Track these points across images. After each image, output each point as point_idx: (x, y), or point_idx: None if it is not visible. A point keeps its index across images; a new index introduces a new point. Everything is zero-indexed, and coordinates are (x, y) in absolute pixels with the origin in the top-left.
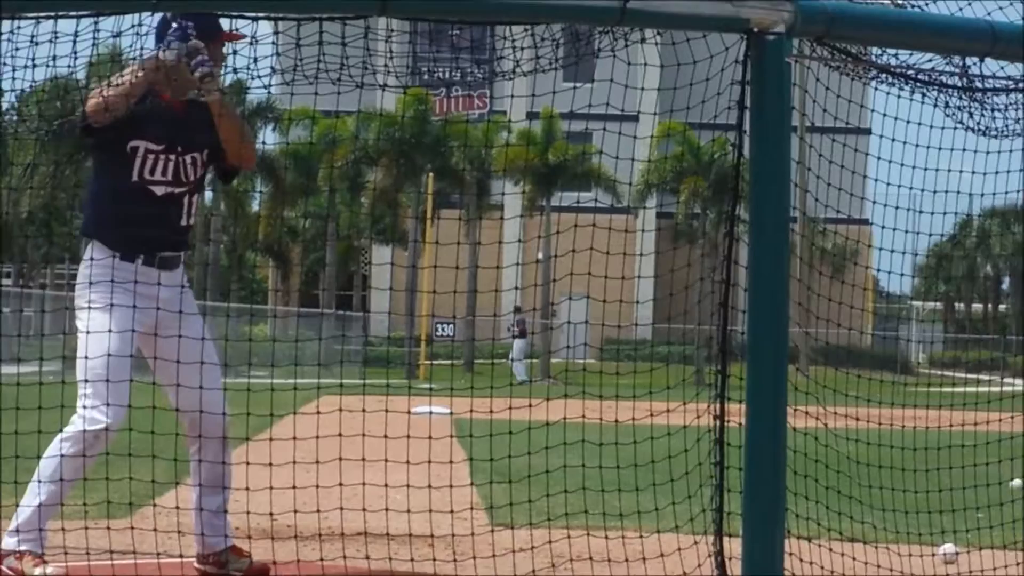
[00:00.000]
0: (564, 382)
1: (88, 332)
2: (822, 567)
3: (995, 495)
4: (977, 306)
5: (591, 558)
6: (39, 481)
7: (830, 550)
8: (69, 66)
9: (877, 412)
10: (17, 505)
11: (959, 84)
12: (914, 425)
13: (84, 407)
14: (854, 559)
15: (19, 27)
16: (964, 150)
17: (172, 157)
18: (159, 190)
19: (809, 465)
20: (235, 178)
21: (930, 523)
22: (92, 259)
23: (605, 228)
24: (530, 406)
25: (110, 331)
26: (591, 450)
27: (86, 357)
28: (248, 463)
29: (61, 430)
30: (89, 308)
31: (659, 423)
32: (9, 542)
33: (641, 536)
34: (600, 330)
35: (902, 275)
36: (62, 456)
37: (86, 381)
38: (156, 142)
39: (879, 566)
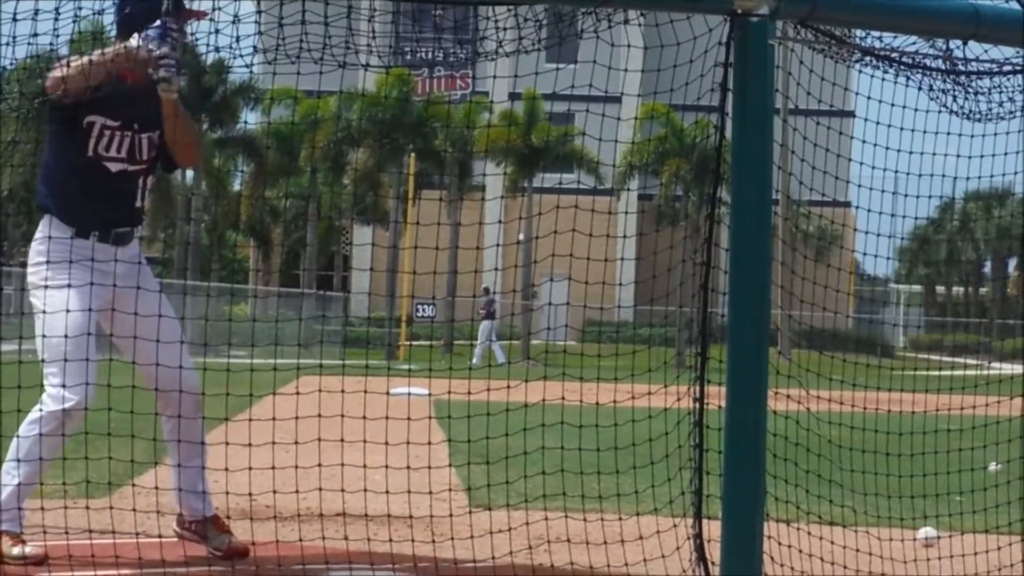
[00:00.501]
0: (544, 363)
1: (46, 312)
2: (800, 550)
3: (977, 480)
4: (958, 289)
5: (569, 540)
6: (16, 460)
7: (809, 534)
8: (50, 44)
9: (861, 395)
10: None
11: (943, 67)
12: (900, 410)
13: (52, 386)
14: (832, 543)
15: None
16: (948, 134)
17: (128, 134)
18: (113, 167)
19: (790, 449)
20: (175, 169)
21: (913, 507)
22: (50, 236)
23: (587, 210)
24: (508, 387)
25: (73, 310)
26: (570, 432)
27: (50, 336)
28: (227, 443)
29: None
30: (47, 286)
31: (640, 405)
32: None
33: (620, 518)
34: (581, 312)
35: (887, 259)
36: (28, 436)
37: (47, 361)
38: (113, 118)
39: (858, 550)
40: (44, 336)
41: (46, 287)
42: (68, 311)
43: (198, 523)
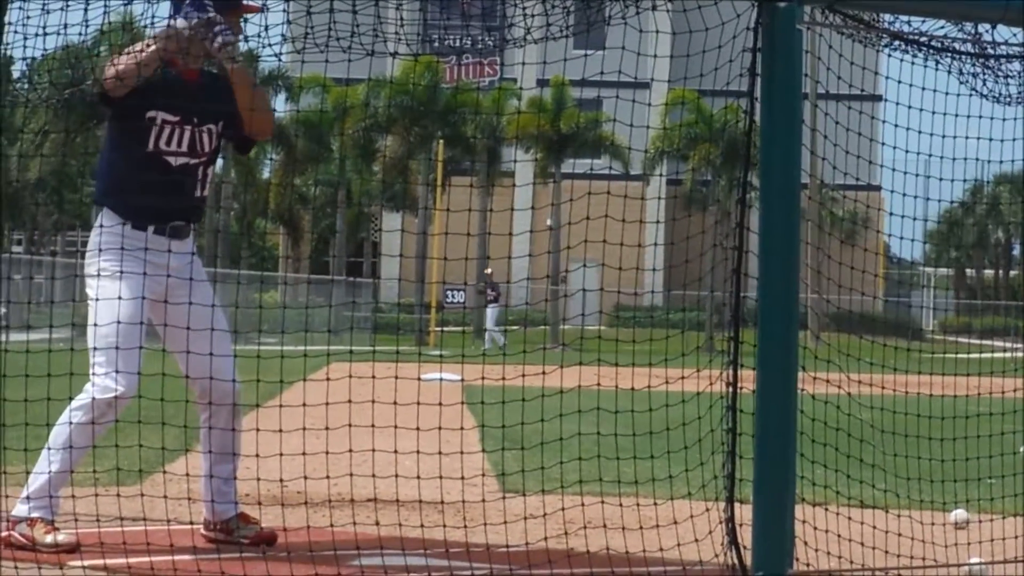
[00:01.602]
0: (579, 349)
1: (98, 299)
2: (838, 535)
3: (1016, 464)
4: (988, 272)
5: (604, 525)
6: (50, 448)
7: (849, 519)
8: (80, 34)
9: (892, 378)
10: (27, 472)
11: (972, 51)
12: (932, 393)
13: (99, 375)
14: (873, 527)
15: None
16: (980, 117)
17: (188, 128)
18: (174, 161)
19: (828, 433)
20: (251, 149)
21: (954, 491)
22: (103, 226)
23: (619, 196)
24: (544, 373)
25: (120, 298)
26: (605, 417)
27: (96, 324)
28: (258, 430)
29: (70, 397)
30: (99, 276)
31: (673, 390)
32: (20, 509)
33: (655, 503)
34: (612, 297)
35: (922, 243)
36: (73, 424)
37: (97, 349)
38: (173, 113)
39: (900, 534)
40: (95, 324)
41: (99, 275)
42: (120, 298)
43: (224, 522)
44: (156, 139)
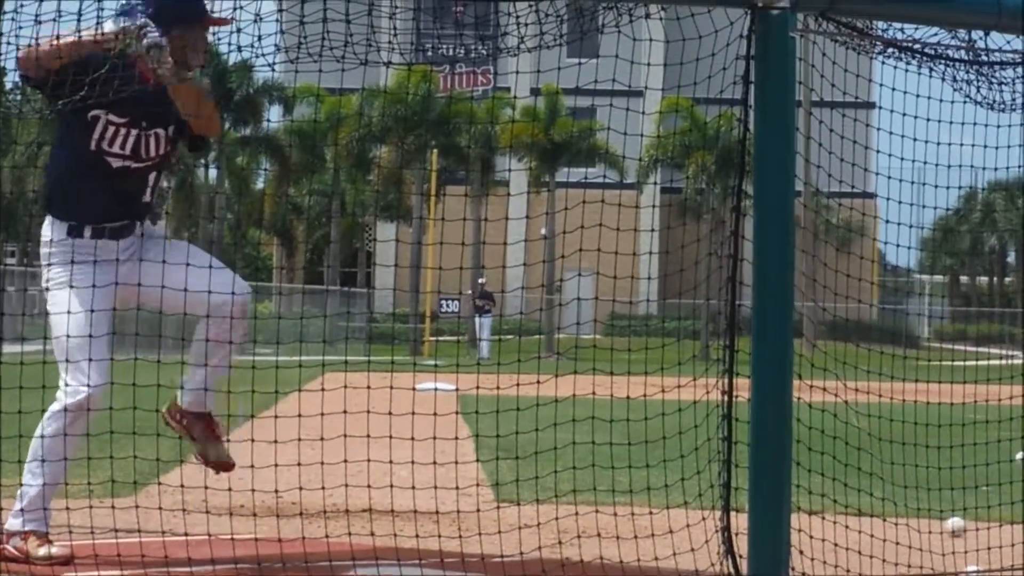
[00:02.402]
0: (571, 358)
1: (52, 314)
2: (834, 543)
3: (1013, 472)
4: (983, 279)
5: (599, 535)
6: (41, 461)
7: (847, 527)
8: None
9: (887, 386)
10: (21, 484)
11: (966, 58)
12: (927, 400)
13: (62, 378)
14: (870, 535)
15: (22, 6)
16: (975, 124)
17: (134, 132)
18: (115, 162)
19: (824, 441)
20: (204, 148)
21: (951, 499)
22: (51, 240)
23: (612, 204)
24: (538, 383)
25: (75, 312)
26: (600, 426)
27: (57, 337)
28: (253, 440)
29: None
30: (48, 289)
31: (669, 399)
32: (14, 523)
33: (650, 512)
34: (607, 306)
35: (918, 249)
36: (52, 436)
37: (60, 361)
38: (119, 115)
39: (898, 542)
40: (54, 337)
41: (47, 289)
42: (69, 312)
43: (190, 417)
44: (99, 139)
